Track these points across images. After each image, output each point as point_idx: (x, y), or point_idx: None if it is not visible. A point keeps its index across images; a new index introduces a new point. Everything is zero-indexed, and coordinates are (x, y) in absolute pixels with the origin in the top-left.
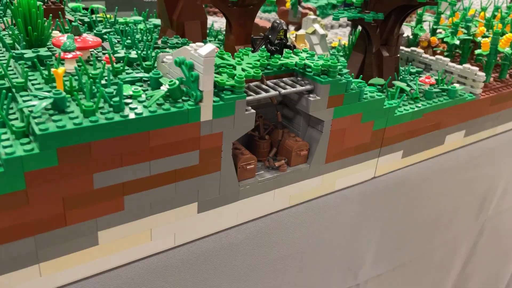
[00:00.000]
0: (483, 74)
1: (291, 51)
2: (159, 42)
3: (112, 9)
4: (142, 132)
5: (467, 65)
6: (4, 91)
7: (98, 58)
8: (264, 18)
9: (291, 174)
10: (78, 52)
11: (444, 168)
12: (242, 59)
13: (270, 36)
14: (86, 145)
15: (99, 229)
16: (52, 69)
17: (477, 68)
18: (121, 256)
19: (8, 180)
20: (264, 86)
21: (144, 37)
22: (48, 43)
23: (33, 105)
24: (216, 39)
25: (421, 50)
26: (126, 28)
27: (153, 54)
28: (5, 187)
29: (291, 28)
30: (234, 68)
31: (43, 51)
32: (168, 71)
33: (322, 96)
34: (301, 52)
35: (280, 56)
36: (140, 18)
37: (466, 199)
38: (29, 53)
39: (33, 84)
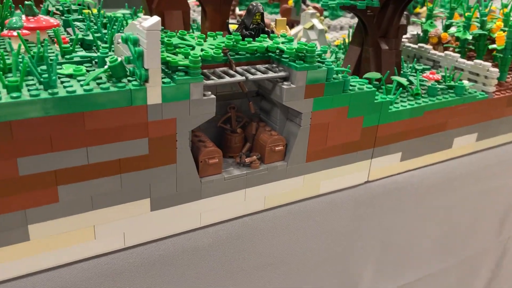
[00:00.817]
0: (497, 70)
1: (266, 36)
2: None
3: (107, 5)
4: (76, 113)
5: (479, 61)
6: None
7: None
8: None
9: (265, 172)
10: (25, 31)
11: (453, 175)
12: (206, 41)
13: (245, 21)
14: (6, 124)
15: (30, 222)
16: None
17: (489, 64)
18: (58, 255)
19: None
20: (232, 72)
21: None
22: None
23: None
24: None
25: (430, 47)
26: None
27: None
28: None
29: (297, 28)
30: (193, 49)
31: None
32: (122, 53)
33: (297, 84)
34: (278, 37)
35: (253, 40)
36: (128, 11)
37: (484, 213)
38: None
39: None
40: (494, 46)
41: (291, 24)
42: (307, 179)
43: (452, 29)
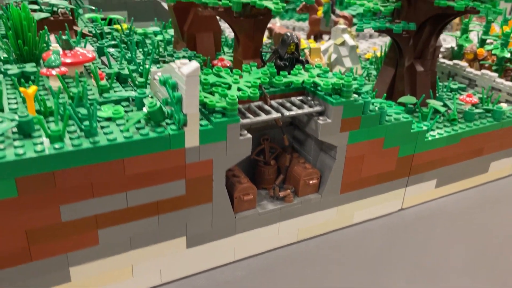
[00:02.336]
0: None
1: (301, 67)
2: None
3: (136, 19)
4: (116, 160)
5: None
6: None
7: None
8: (298, 28)
9: (299, 205)
10: (63, 69)
11: (489, 199)
12: (242, 77)
13: (279, 50)
14: (49, 175)
15: (71, 265)
16: (21, 88)
17: None
18: None
19: None
20: (267, 107)
21: (152, 50)
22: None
23: None
24: (232, 50)
25: (466, 64)
26: (138, 39)
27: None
28: None
29: (325, 37)
30: (230, 87)
31: (29, 67)
32: (158, 90)
33: (333, 119)
34: (313, 68)
35: (288, 72)
36: (158, 29)
37: None
38: (13, 69)
39: (9, 104)
40: None
41: (320, 35)
42: (341, 210)
43: (489, 44)
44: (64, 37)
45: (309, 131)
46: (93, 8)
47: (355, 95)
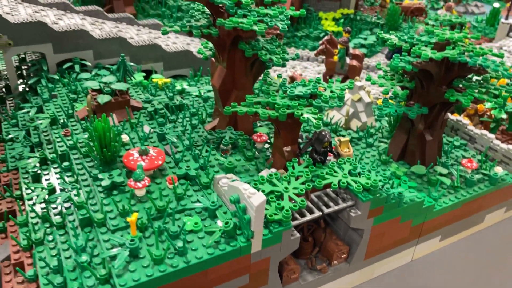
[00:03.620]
0: None
1: (334, 164)
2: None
3: (170, 67)
4: (201, 271)
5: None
6: (88, 230)
7: (163, 174)
8: (312, 58)
9: (332, 274)
10: (146, 181)
11: (484, 243)
12: (289, 182)
13: (315, 146)
14: None
15: None
16: (128, 218)
17: None
18: None
19: None
20: (309, 204)
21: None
22: (119, 154)
23: (115, 254)
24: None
25: (467, 121)
26: (184, 102)
27: (210, 157)
28: None
29: (340, 77)
30: (282, 196)
31: (116, 176)
32: (223, 195)
33: (363, 211)
34: (344, 163)
35: (323, 163)
36: (196, 89)
37: None
38: (105, 180)
39: (110, 218)
40: None
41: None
42: (364, 271)
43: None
44: (142, 147)
45: (342, 218)
46: (136, 66)
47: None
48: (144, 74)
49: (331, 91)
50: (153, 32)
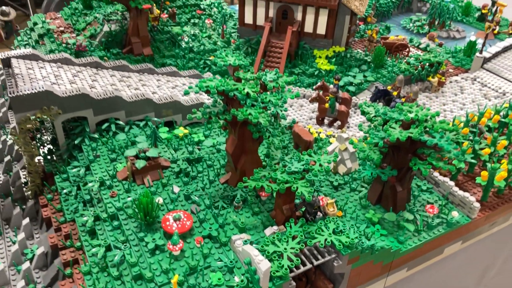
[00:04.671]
0: (478, 205)
1: (323, 222)
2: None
3: (184, 116)
4: None
5: (467, 194)
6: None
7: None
8: (308, 95)
9: None
10: (181, 244)
11: (445, 268)
12: (287, 243)
13: (307, 208)
14: None
15: None
16: (172, 280)
17: (474, 199)
18: None
19: None
20: (301, 257)
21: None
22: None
23: None
24: None
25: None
26: (201, 155)
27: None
28: None
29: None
30: (282, 255)
31: (158, 239)
32: (238, 254)
33: (343, 261)
34: (330, 222)
35: (313, 221)
36: (211, 141)
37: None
38: (150, 243)
39: (156, 276)
40: (479, 179)
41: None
42: None
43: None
44: (176, 216)
45: (327, 264)
46: (160, 121)
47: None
48: (167, 129)
49: (320, 165)
50: (171, 81)
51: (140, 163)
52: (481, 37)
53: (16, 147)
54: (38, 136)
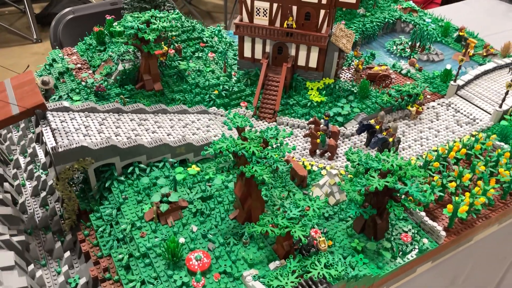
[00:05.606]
0: (445, 234)
1: (316, 257)
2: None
3: (197, 154)
4: None
5: (435, 224)
6: None
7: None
8: (302, 126)
9: None
10: (203, 281)
11: (416, 285)
12: (288, 277)
13: (303, 247)
14: None
15: None
16: None
17: (441, 228)
18: None
19: None
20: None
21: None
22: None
23: None
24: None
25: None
26: (212, 192)
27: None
28: None
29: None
30: None
31: (184, 277)
32: None
33: None
34: (322, 257)
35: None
36: (220, 179)
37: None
38: (178, 281)
39: None
40: (445, 210)
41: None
42: None
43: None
44: (198, 256)
45: None
46: (175, 162)
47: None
48: (182, 169)
49: (313, 210)
50: (182, 119)
51: (164, 207)
52: (457, 59)
53: (49, 183)
54: (73, 177)
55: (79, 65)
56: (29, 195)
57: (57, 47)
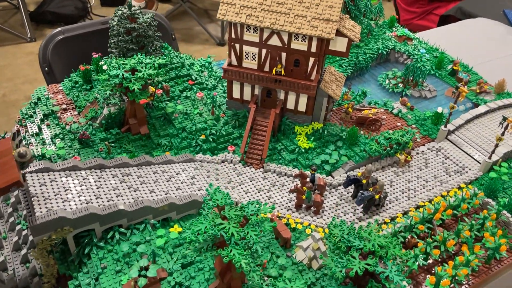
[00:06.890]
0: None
1: None
2: None
3: (180, 212)
4: None
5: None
6: None
7: None
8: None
9: None
10: None
11: None
12: None
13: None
14: None
15: None
16: None
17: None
18: None
19: None
20: None
21: None
22: None
23: None
24: None
25: None
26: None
27: None
28: None
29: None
30: None
31: None
32: None
33: None
34: None
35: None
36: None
37: None
38: None
39: None
40: (427, 282)
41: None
42: None
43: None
44: None
45: None
46: (157, 224)
47: None
48: (163, 231)
49: None
50: (167, 171)
51: (142, 281)
52: (450, 95)
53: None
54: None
55: (64, 106)
56: (10, 249)
57: (46, 68)
